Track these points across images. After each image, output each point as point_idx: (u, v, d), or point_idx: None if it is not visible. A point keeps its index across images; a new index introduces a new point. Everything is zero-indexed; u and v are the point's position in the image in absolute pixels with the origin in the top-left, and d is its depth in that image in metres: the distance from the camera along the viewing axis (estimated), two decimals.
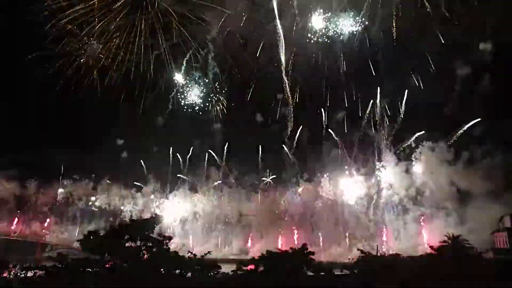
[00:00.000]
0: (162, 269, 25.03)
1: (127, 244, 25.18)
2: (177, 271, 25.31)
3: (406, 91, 58.15)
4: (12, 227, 64.68)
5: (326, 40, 61.16)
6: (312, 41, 61.40)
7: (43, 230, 65.98)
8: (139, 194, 71.77)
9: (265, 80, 67.03)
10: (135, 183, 71.41)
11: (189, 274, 25.31)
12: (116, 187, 72.30)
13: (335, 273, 27.17)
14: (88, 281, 21.67)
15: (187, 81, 68.54)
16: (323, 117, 64.20)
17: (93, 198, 71.79)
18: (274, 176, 65.22)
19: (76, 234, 63.86)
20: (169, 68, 67.74)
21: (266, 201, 62.88)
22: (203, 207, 65.66)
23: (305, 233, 56.10)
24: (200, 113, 68.98)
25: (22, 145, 64.36)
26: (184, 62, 67.41)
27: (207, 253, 27.68)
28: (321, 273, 26.71)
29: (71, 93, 63.45)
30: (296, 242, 47.81)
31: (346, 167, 60.87)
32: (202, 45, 67.75)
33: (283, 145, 65.24)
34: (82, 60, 64.88)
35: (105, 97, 66.20)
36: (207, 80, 68.80)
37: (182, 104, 69.13)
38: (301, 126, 64.95)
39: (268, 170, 65.95)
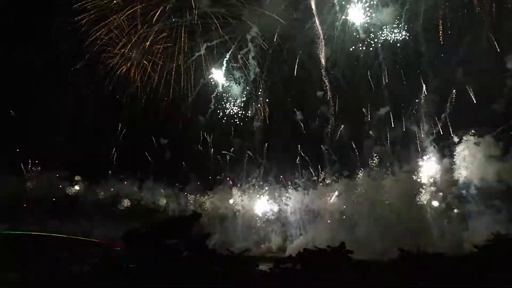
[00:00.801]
0: (201, 266, 25.47)
1: (167, 241, 25.89)
2: (216, 268, 25.72)
3: (452, 86, 56.27)
4: (63, 225, 68.30)
5: (367, 35, 60.28)
6: (352, 37, 60.72)
7: (91, 228, 69.08)
8: (181, 193, 73.52)
9: (305, 78, 66.96)
10: (177, 182, 73.55)
11: (227, 271, 25.62)
12: (160, 186, 74.34)
13: (375, 272, 26.71)
14: (129, 276, 22.57)
15: (227, 82, 69.63)
16: (365, 114, 63.43)
17: (138, 197, 74.17)
18: (314, 174, 65.15)
19: (121, 231, 66.14)
20: (209, 69, 69.11)
21: (306, 199, 62.63)
22: (243, 205, 66.26)
23: (345, 231, 55.36)
24: (240, 112, 69.96)
25: (72, 148, 68.33)
26: (224, 63, 68.49)
27: (244, 251, 27.98)
28: (361, 272, 26.36)
29: (115, 98, 66.83)
30: (335, 240, 46.92)
31: (388, 164, 59.86)
32: (241, 45, 68.56)
33: (323, 143, 64.92)
34: (126, 66, 67.53)
35: (148, 101, 68.91)
36: (246, 80, 69.53)
37: (222, 104, 70.33)
38: (342, 124, 64.64)
39: (308, 168, 65.80)
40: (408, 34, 57.56)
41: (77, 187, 72.39)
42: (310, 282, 24.40)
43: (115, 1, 61.66)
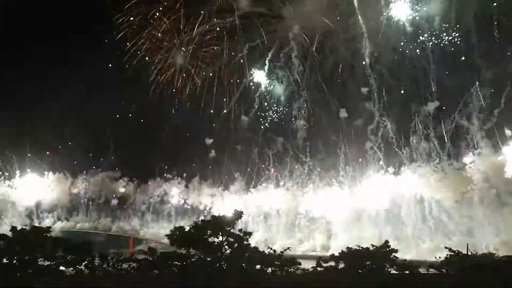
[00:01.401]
0: (243, 264, 25.78)
1: (209, 239, 26.40)
2: (257, 266, 25.93)
3: (506, 80, 53.37)
4: (114, 223, 71.69)
5: (413, 29, 58.62)
6: (397, 32, 59.28)
7: (140, 226, 71.90)
8: (226, 192, 74.74)
9: (348, 75, 66.15)
10: (220, 182, 74.92)
11: (269, 270, 25.78)
12: (206, 185, 75.96)
13: (421, 272, 25.92)
14: (174, 273, 23.32)
15: (270, 81, 70.02)
16: (412, 110, 61.62)
17: (185, 196, 76.12)
18: (358, 171, 64.01)
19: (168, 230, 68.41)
20: (251, 69, 69.78)
21: (350, 196, 61.67)
22: (287, 203, 66.30)
23: (390, 229, 54.03)
24: (283, 111, 70.15)
25: (123, 150, 71.76)
26: (266, 62, 68.90)
27: (286, 249, 27.90)
28: (406, 272, 25.69)
29: (161, 101, 69.43)
30: (379, 238, 45.97)
31: (436, 160, 57.89)
32: (283, 44, 68.66)
33: (368, 140, 63.71)
34: (170, 71, 69.71)
35: (192, 101, 70.75)
36: (289, 79, 69.59)
37: (266, 103, 70.83)
38: (388, 120, 63.15)
39: (353, 165, 64.82)
40: (458, 27, 55.54)
41: (127, 187, 75.55)
42: (353, 281, 24.07)
43: (155, 9, 64.03)
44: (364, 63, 63.46)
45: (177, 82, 70.01)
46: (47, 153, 73.33)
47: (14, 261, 23.13)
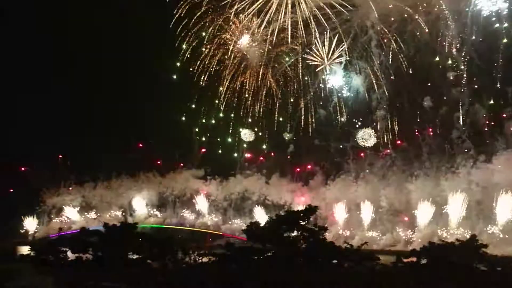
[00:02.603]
0: (319, 259, 25.67)
1: (285, 234, 26.69)
2: (334, 261, 25.66)
3: None
4: (197, 219, 75.00)
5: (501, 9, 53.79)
6: (484, 12, 54.77)
7: (222, 222, 74.35)
8: (305, 187, 74.59)
9: (430, 62, 62.61)
10: (299, 176, 75.00)
11: (346, 265, 25.39)
12: (285, 181, 76.43)
13: None
14: (250, 267, 23.94)
15: (346, 72, 68.54)
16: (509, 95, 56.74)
17: (265, 192, 77.17)
18: (444, 161, 60.05)
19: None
20: (327, 61, 68.66)
21: (435, 188, 57.91)
22: (367, 196, 64.21)
23: (479, 223, 49.72)
24: (362, 101, 68.12)
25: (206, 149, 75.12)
26: (343, 53, 67.47)
27: (363, 244, 27.31)
28: (497, 268, 23.77)
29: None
30: (465, 232, 42.93)
31: None
32: (358, 33, 66.80)
33: (455, 128, 59.75)
34: (242, 66, 71.13)
35: (267, 98, 71.77)
36: (366, 69, 67.53)
37: (344, 94, 69.41)
38: (477, 106, 58.76)
39: (438, 155, 61.08)
40: None
41: (210, 185, 78.54)
42: (436, 278, 22.73)
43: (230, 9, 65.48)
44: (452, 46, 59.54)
45: (254, 81, 71.58)
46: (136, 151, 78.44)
47: (107, 254, 25.36)
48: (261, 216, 67.85)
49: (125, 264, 24.92)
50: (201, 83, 70.88)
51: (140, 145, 77.61)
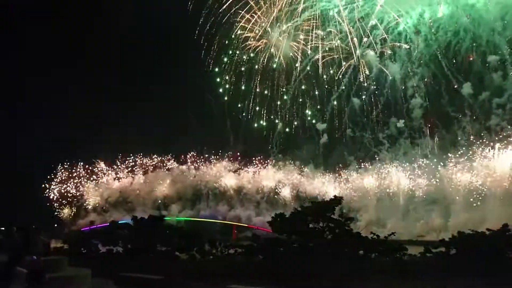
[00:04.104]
0: (346, 249, 25.50)
1: (310, 225, 26.66)
2: (361, 252, 25.42)
3: None
4: (229, 212, 75.98)
5: None
6: None
7: (255, 214, 74.94)
8: (338, 177, 74.14)
9: (470, 44, 60.47)
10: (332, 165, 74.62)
11: (373, 256, 25.10)
12: (318, 172, 76.19)
13: None
14: (276, 258, 24.15)
15: (382, 60, 67.45)
16: None
17: (298, 184, 77.20)
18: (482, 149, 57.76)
19: None
20: (361, 49, 67.81)
21: (471, 176, 55.89)
22: (397, 185, 62.96)
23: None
24: (398, 89, 66.81)
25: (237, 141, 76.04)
26: (378, 41, 66.49)
27: (390, 234, 26.87)
28: None
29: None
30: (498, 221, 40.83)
31: None
32: (391, 19, 65.65)
33: (495, 115, 57.30)
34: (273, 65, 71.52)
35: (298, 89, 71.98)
36: (402, 56, 66.18)
37: (378, 84, 68.41)
38: None
39: (475, 142, 58.91)
40: None
41: (242, 178, 79.36)
42: (466, 269, 22.10)
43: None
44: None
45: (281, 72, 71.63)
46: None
47: (136, 246, 26.26)
48: (294, 208, 67.83)
49: (153, 255, 25.72)
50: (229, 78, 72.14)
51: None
